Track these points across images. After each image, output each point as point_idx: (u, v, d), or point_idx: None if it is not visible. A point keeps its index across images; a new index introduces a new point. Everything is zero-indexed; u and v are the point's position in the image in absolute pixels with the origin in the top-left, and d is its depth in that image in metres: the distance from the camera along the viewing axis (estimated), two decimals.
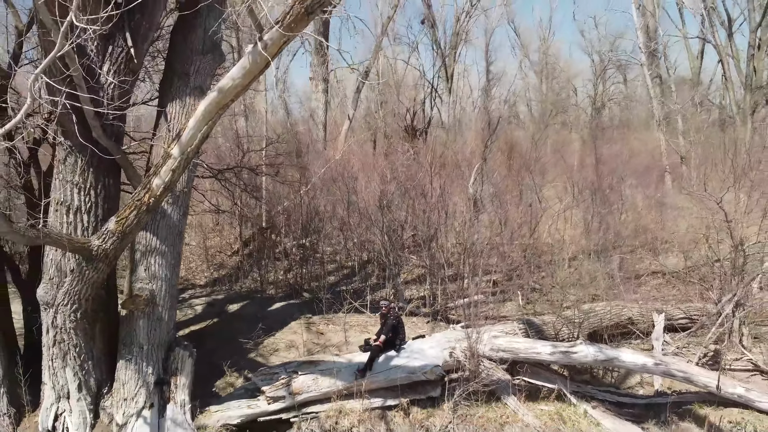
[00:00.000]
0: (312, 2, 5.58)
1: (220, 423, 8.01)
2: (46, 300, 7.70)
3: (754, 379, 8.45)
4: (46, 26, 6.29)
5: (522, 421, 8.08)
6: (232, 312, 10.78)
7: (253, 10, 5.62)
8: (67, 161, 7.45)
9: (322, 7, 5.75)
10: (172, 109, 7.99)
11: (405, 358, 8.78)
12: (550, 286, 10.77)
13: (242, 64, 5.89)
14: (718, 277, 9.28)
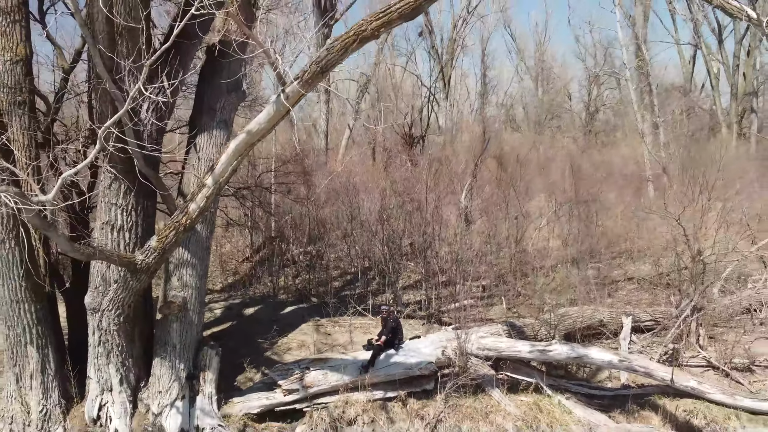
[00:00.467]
0: (326, 63, 6.73)
1: (242, 412, 9.15)
2: (93, 306, 8.84)
3: (707, 374, 9.61)
4: (100, 77, 7.44)
5: (504, 411, 9.22)
6: (249, 315, 11.90)
7: (277, 65, 6.78)
8: (112, 186, 8.58)
9: (335, 66, 6.92)
10: (201, 140, 9.13)
11: (403, 356, 9.90)
12: (532, 292, 11.93)
13: (267, 111, 7.03)
14: (679, 284, 10.43)
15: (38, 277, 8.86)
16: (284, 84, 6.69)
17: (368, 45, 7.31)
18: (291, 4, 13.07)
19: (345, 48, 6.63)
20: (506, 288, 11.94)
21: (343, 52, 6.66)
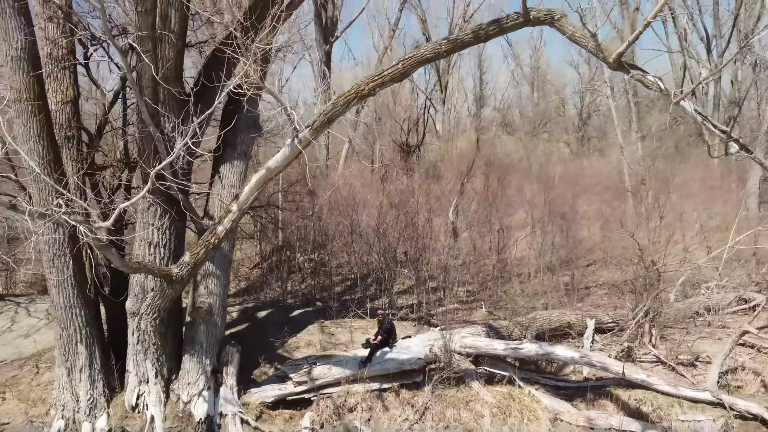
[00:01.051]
0: (332, 115, 8.20)
1: (258, 401, 10.59)
2: (132, 310, 10.29)
3: (656, 368, 11.04)
4: (145, 123, 8.91)
5: (482, 400, 10.67)
6: (262, 317, 13.34)
7: (292, 117, 8.24)
8: (149, 209, 10.01)
9: (339, 117, 8.40)
10: (224, 170, 10.59)
11: (396, 353, 11.33)
12: (510, 297, 13.38)
13: (283, 152, 8.50)
14: (637, 291, 11.89)
15: (87, 286, 10.38)
16: (297, 132, 8.17)
17: (370, 58, 8.76)
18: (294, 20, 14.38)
19: (347, 103, 8.11)
20: (488, 293, 13.41)
21: (345, 106, 8.14)
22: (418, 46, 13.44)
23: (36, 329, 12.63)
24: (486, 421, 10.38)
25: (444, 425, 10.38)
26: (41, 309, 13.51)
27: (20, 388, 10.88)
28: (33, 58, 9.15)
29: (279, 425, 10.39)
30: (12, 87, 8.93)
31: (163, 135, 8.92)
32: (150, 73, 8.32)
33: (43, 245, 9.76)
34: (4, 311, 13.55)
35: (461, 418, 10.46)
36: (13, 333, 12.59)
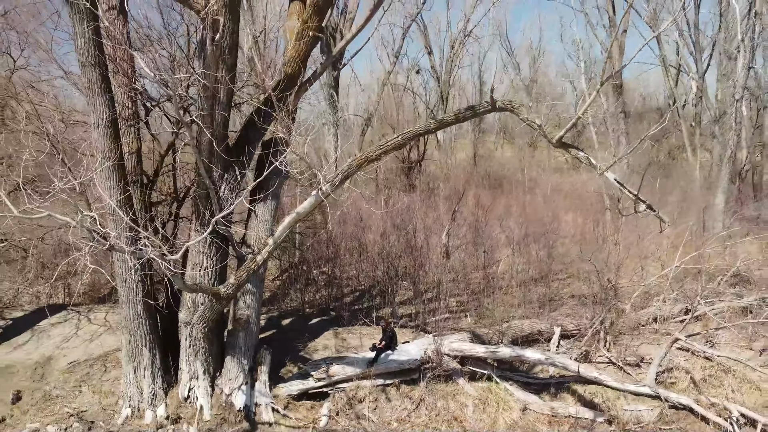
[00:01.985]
0: (347, 174, 10.57)
1: (286, 393, 12.92)
2: (185, 321, 12.65)
3: (608, 368, 13.38)
4: (201, 176, 11.30)
5: (466, 393, 12.99)
6: (285, 325, 15.66)
7: (317, 174, 10.62)
8: (196, 239, 12.45)
9: (354, 175, 10.78)
10: (259, 208, 12.90)
11: (397, 355, 13.58)
12: (492, 308, 15.73)
13: (309, 201, 10.84)
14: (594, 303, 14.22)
15: (150, 300, 12.78)
16: (320, 186, 10.56)
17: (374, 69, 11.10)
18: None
19: (359, 165, 10.49)
20: (474, 305, 15.76)
21: (358, 168, 10.52)
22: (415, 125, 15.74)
23: (98, 334, 15.01)
24: (469, 410, 12.73)
25: (435, 413, 12.70)
26: (99, 317, 15.86)
27: (93, 383, 13.26)
28: (113, 123, 11.59)
29: (302, 413, 12.74)
30: (98, 147, 11.36)
31: (213, 184, 11.36)
32: (208, 138, 10.74)
33: (117, 269, 12.18)
34: (68, 319, 15.91)
35: (449, 408, 12.81)
36: (79, 338, 14.97)
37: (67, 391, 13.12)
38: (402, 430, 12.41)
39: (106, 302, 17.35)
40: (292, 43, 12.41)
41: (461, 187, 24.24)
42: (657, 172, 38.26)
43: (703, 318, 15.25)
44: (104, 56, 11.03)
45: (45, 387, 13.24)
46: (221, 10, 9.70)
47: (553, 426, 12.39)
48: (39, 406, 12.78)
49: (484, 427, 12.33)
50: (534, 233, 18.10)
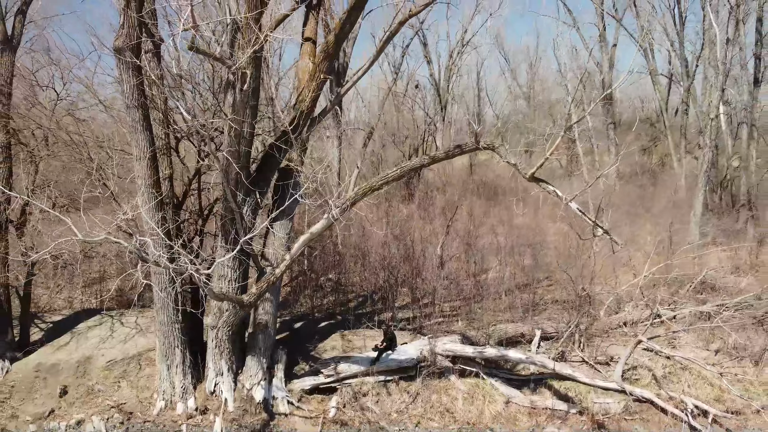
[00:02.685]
0: (354, 200, 12.33)
1: (299, 388, 14.64)
2: (212, 325, 14.38)
3: (581, 366, 15.11)
4: (228, 201, 13.03)
5: (457, 388, 14.71)
6: (297, 328, 17.38)
7: (329, 202, 12.35)
8: (226, 256, 14.19)
9: (360, 201, 12.53)
10: (276, 227, 14.53)
11: (397, 355, 15.29)
12: (481, 313, 17.47)
13: (322, 223, 12.58)
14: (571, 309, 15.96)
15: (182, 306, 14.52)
16: (331, 210, 12.30)
17: (374, 71, 12.98)
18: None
19: (365, 193, 12.24)
20: (466, 310, 17.51)
21: (363, 196, 12.27)
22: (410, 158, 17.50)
23: (131, 336, 16.73)
24: (459, 403, 14.46)
25: (430, 406, 14.42)
26: (130, 321, 17.56)
27: (130, 379, 14.99)
28: (153, 155, 13.34)
29: (313, 405, 14.47)
30: (140, 176, 13.11)
31: (238, 207, 13.10)
32: (235, 169, 12.50)
33: (154, 281, 13.93)
34: (102, 323, 17.64)
35: (442, 401, 14.52)
36: (114, 339, 16.69)
37: (107, 386, 14.86)
38: (401, 421, 14.15)
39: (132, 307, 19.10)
40: (304, 83, 14.15)
41: (456, 197, 25.97)
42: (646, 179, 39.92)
43: (669, 322, 17.00)
44: (145, 98, 12.78)
45: (88, 383, 14.98)
46: (248, 65, 11.46)
47: (532, 417, 14.13)
48: (83, 400, 14.52)
49: (472, 418, 14.07)
50: (520, 245, 19.85)
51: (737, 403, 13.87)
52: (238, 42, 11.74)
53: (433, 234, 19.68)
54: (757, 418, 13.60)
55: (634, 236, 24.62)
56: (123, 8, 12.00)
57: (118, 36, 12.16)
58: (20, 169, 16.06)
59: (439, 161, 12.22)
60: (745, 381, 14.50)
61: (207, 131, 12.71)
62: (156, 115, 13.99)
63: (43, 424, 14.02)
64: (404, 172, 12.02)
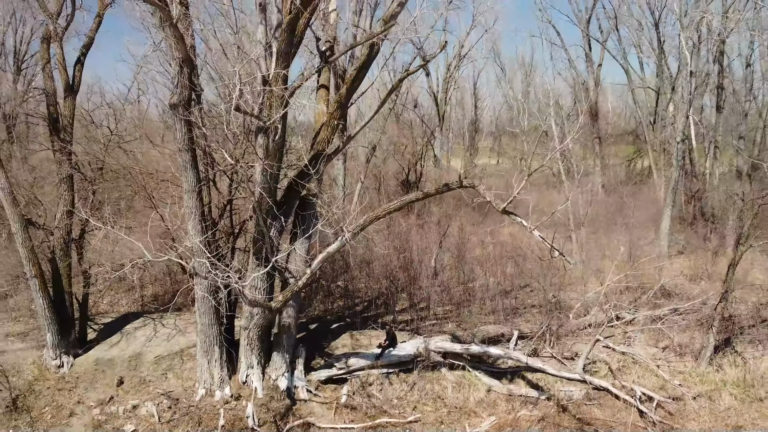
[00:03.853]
0: (363, 226, 15.11)
1: (315, 379, 17.35)
2: (245, 326, 17.12)
3: (550, 361, 17.88)
4: (260, 227, 15.82)
5: (447, 378, 17.44)
6: (312, 328, 20.10)
7: (343, 227, 15.12)
8: (257, 271, 16.99)
9: (368, 226, 15.31)
10: (298, 245, 17.27)
11: (397, 351, 17.98)
12: (468, 316, 20.26)
13: (336, 245, 15.31)
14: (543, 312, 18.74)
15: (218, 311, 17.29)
16: (344, 234, 15.07)
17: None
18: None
19: (371, 221, 15.00)
20: (456, 313, 20.32)
21: (370, 223, 15.04)
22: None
23: (172, 336, 19.52)
24: (449, 390, 17.19)
25: (425, 393, 17.12)
26: (170, 323, 20.35)
27: (175, 371, 17.73)
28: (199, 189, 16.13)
29: (328, 393, 17.20)
30: (188, 205, 15.90)
31: (267, 230, 15.88)
32: (267, 201, 15.29)
33: (197, 290, 16.69)
34: (146, 324, 20.45)
35: (435, 389, 17.24)
36: (158, 338, 19.49)
37: (156, 377, 17.62)
38: (400, 406, 16.91)
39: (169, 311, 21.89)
40: (320, 125, 16.94)
41: (451, 209, 28.69)
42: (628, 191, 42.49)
43: (627, 324, 19.79)
44: (193, 143, 15.58)
45: (139, 374, 17.74)
46: (279, 120, 14.28)
47: (509, 402, 16.89)
48: (137, 388, 17.26)
49: (459, 403, 16.81)
50: (504, 256, 22.66)
51: (677, 391, 16.61)
52: (267, 99, 14.52)
53: (429, 245, 22.47)
54: (693, 403, 16.39)
55: (611, 246, 27.43)
56: (177, 73, 14.78)
57: (172, 95, 14.97)
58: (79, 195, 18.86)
59: (431, 196, 15.02)
60: (685, 373, 17.26)
61: (243, 170, 15.55)
62: (199, 154, 16.77)
63: (105, 408, 16.72)
64: (403, 204, 14.81)
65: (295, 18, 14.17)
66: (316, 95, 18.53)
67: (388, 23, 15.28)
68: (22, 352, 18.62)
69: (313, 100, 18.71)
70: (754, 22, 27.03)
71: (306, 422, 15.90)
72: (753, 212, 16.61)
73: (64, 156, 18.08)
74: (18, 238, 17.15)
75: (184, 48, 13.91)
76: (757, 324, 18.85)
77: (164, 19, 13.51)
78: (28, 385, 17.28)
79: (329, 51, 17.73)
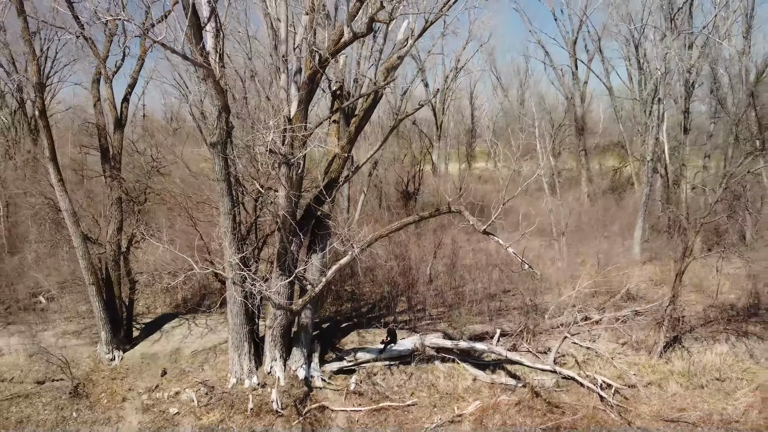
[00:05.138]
0: (369, 244, 18.11)
1: (329, 370, 20.16)
2: (269, 325, 20.03)
3: (527, 354, 20.80)
4: (283, 242, 18.80)
5: (439, 370, 20.32)
6: (324, 328, 23.07)
7: (354, 246, 18.09)
8: (281, 280, 19.96)
9: (373, 243, 18.30)
10: (313, 258, 20.22)
11: (397, 347, 20.81)
12: (458, 316, 23.27)
13: (347, 258, 18.14)
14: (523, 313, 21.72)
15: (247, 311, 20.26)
16: (353, 250, 18.04)
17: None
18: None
19: (376, 239, 17.99)
20: (448, 314, 23.33)
21: (375, 240, 18.05)
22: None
23: (205, 334, 22.47)
24: (441, 380, 20.03)
25: (421, 382, 19.93)
26: (201, 323, 23.32)
27: (210, 363, 20.60)
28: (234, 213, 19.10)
29: (339, 382, 20.05)
30: (223, 225, 18.87)
31: (289, 245, 18.87)
32: (289, 222, 18.27)
33: (229, 294, 19.67)
34: (181, 324, 23.44)
35: (429, 379, 20.01)
36: (193, 336, 22.47)
37: (194, 368, 20.55)
38: (400, 392, 19.82)
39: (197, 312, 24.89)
40: (332, 155, 19.92)
41: (445, 221, 31.63)
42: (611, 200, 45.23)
43: (594, 323, 22.79)
44: (230, 174, 18.57)
45: (180, 366, 20.65)
46: (301, 158, 17.28)
47: (491, 389, 19.74)
48: (178, 378, 20.17)
49: (449, 390, 19.68)
50: (491, 264, 25.67)
51: (632, 379, 19.52)
52: (290, 138, 17.47)
53: (426, 255, 25.47)
54: (645, 390, 19.33)
55: (590, 253, 30.40)
56: (216, 118, 17.76)
57: (212, 135, 17.94)
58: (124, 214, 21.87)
59: (425, 219, 18.02)
60: (640, 365, 20.17)
61: (267, 195, 18.55)
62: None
63: (152, 395, 19.60)
64: (402, 226, 17.81)
65: (314, 74, 17.19)
66: (329, 129, 21.49)
67: (389, 75, 18.27)
68: (78, 347, 21.55)
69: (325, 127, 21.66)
70: (716, 57, 29.99)
71: (321, 405, 18.76)
72: (696, 230, 19.57)
73: (115, 181, 21.10)
74: (78, 251, 20.13)
75: (224, 99, 16.88)
76: (705, 324, 21.85)
77: (207, 75, 16.45)
78: (86, 375, 20.17)
79: (339, 90, 20.78)
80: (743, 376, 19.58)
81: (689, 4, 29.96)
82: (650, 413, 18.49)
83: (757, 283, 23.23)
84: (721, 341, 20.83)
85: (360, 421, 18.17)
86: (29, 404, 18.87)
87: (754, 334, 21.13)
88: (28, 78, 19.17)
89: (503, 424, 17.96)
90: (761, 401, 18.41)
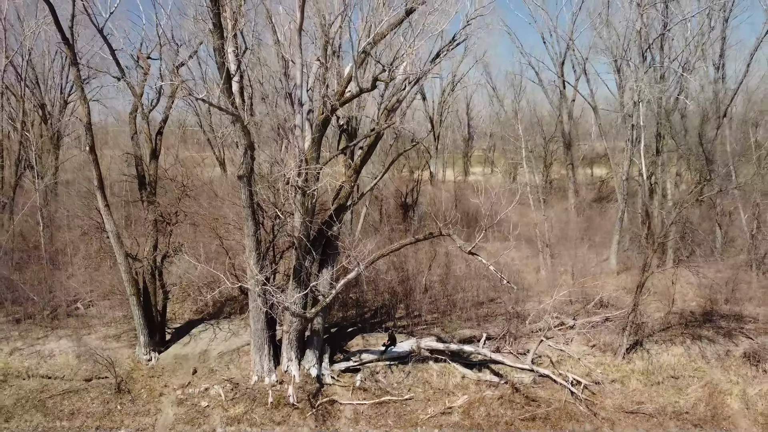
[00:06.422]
0: (373, 261, 20.96)
1: (337, 369, 22.73)
2: (285, 330, 22.89)
3: (509, 355, 23.60)
4: (299, 259, 21.64)
5: (433, 368, 23.16)
6: (333, 332, 25.85)
7: (359, 263, 20.94)
8: (295, 289, 22.79)
9: (377, 261, 21.17)
10: (324, 271, 23.16)
11: (396, 348, 23.59)
12: (450, 322, 26.13)
13: (353, 273, 21.05)
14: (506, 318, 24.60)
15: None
16: (358, 266, 20.89)
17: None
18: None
19: (379, 257, 20.88)
20: (442, 320, 26.20)
21: (378, 258, 20.93)
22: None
23: (229, 337, 25.25)
24: (434, 377, 22.83)
25: (417, 379, 22.80)
26: (225, 327, 26.16)
27: (234, 363, 23.31)
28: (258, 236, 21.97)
29: (346, 379, 22.76)
30: (248, 245, 21.71)
31: (304, 262, 21.74)
32: (304, 243, 21.13)
33: (251, 303, 22.50)
34: (207, 329, 26.25)
35: (424, 376, 22.75)
36: (218, 339, 25.28)
37: (221, 367, 23.32)
38: (399, 388, 22.65)
39: (218, 317, 27.72)
40: (341, 184, 22.78)
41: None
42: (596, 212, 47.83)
43: (569, 328, 25.65)
44: (254, 202, 21.42)
45: (208, 366, 23.39)
46: (315, 191, 20.17)
47: (478, 385, 22.52)
48: (207, 376, 22.98)
49: (441, 386, 22.50)
50: (480, 275, 28.55)
51: (599, 377, 22.38)
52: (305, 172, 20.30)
53: (422, 267, 28.35)
54: (610, 386, 22.17)
55: (572, 263, 33.22)
56: (243, 154, 20.62)
57: (239, 168, 20.82)
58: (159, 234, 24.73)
59: (420, 241, 20.89)
60: (605, 364, 22.95)
61: (284, 219, 21.43)
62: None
63: (185, 390, 22.33)
64: (401, 246, 20.69)
65: (325, 119, 20.09)
66: (337, 159, 24.37)
67: (389, 117, 21.13)
68: (118, 349, 24.32)
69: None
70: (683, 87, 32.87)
71: (331, 399, 21.52)
72: (653, 248, 22.43)
73: (152, 205, 23.97)
74: (121, 266, 22.98)
75: (249, 139, 19.75)
76: (664, 329, 24.70)
77: (235, 120, 19.30)
78: (128, 374, 22.93)
79: (346, 125, 23.68)
80: (695, 374, 22.35)
81: (660, 38, 32.81)
82: (613, 406, 21.23)
83: (713, 293, 26.06)
84: (677, 344, 23.62)
85: (364, 413, 20.94)
86: (79, 398, 21.57)
87: (707, 337, 23.91)
88: (80, 119, 21.99)
89: (487, 415, 20.77)
90: (708, 396, 21.23)
